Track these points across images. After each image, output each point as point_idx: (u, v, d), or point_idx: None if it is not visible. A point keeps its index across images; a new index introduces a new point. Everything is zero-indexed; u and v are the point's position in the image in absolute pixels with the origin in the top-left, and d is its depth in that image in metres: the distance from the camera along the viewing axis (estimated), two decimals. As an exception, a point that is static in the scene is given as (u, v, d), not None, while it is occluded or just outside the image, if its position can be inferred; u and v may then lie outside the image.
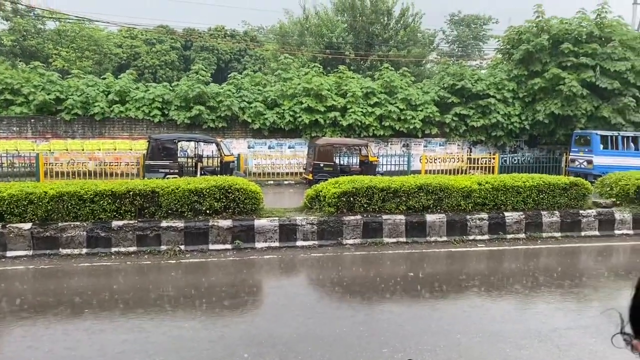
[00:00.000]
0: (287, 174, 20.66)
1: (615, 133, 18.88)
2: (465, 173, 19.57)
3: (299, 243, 9.14)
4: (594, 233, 10.37)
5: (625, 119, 20.17)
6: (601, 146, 18.49)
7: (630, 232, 10.53)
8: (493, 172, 20.02)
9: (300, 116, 20.34)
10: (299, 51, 31.95)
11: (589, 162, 18.53)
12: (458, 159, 21.62)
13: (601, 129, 19.72)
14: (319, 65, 23.69)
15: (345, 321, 5.61)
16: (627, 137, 18.77)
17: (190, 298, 6.50)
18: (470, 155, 21.89)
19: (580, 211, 10.46)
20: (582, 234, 10.30)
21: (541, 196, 10.34)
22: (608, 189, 11.38)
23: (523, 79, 21.78)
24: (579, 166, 18.96)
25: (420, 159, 21.13)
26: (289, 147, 21.25)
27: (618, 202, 10.99)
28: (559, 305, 6.25)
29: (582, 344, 5.00)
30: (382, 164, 19.76)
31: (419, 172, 19.65)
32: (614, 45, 20.39)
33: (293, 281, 7.65)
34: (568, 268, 8.26)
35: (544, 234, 10.11)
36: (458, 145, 22.60)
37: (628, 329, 0.81)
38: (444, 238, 9.69)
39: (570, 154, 19.73)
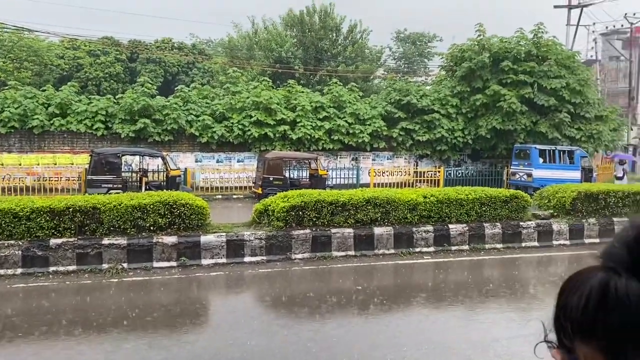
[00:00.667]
0: (236, 188, 20.41)
1: (553, 147, 19.77)
2: (412, 186, 19.95)
3: (247, 259, 9.02)
4: (534, 244, 10.77)
5: (561, 134, 21.16)
6: (540, 160, 19.29)
7: (567, 242, 10.99)
8: (438, 185, 20.50)
9: (249, 130, 20.22)
10: (248, 65, 31.87)
11: (529, 175, 19.28)
12: (405, 172, 22.04)
13: (539, 143, 20.60)
14: (268, 79, 23.69)
15: (293, 338, 5.56)
16: (564, 151, 19.68)
17: (133, 318, 6.27)
18: (416, 168, 22.36)
19: (521, 223, 10.85)
20: (523, 244, 10.66)
21: (483, 208, 10.66)
22: (546, 201, 11.86)
23: (466, 95, 22.51)
24: (519, 179, 19.70)
25: (369, 173, 21.41)
26: (238, 161, 21.04)
27: (555, 213, 11.47)
28: (502, 316, 6.43)
29: (523, 353, 5.15)
30: (332, 178, 19.86)
31: (367, 185, 19.88)
32: (550, 64, 21.42)
33: (240, 298, 7.53)
34: (509, 278, 8.53)
35: (487, 245, 10.40)
36: (405, 158, 23.05)
37: (552, 336, 0.84)
38: (392, 250, 9.81)
39: (511, 167, 20.48)
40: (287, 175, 18.02)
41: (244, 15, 66.43)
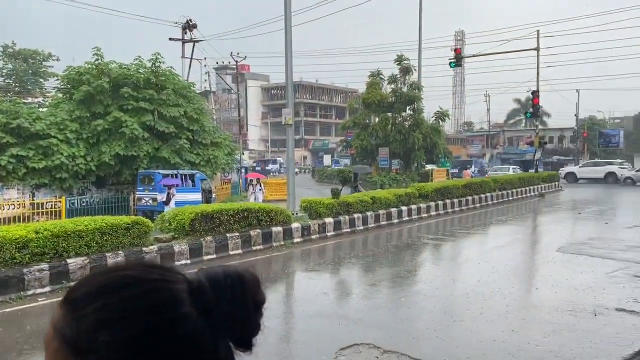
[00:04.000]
0: None
1: (175, 171, 20.82)
2: (30, 220, 17.79)
3: None
4: (158, 267, 11.00)
5: (182, 159, 22.49)
6: (163, 184, 20.01)
7: (189, 261, 11.66)
8: (61, 217, 18.88)
9: None
10: None
11: (154, 199, 19.75)
12: (19, 204, 19.48)
13: (162, 168, 21.38)
14: None
15: None
16: (185, 175, 20.97)
17: None
18: (33, 200, 20.07)
19: (143, 248, 10.96)
20: (147, 269, 10.77)
21: (105, 238, 10.33)
22: (167, 224, 12.34)
23: (86, 120, 21.54)
24: (145, 204, 19.96)
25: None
26: None
27: (177, 235, 12.05)
28: None
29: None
30: None
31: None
32: (169, 93, 22.55)
33: None
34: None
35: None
36: (18, 189, 20.40)
37: None
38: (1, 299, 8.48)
39: (137, 193, 20.58)
40: None
41: None
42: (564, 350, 6.38)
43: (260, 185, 25.29)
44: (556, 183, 35.44)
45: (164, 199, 18.47)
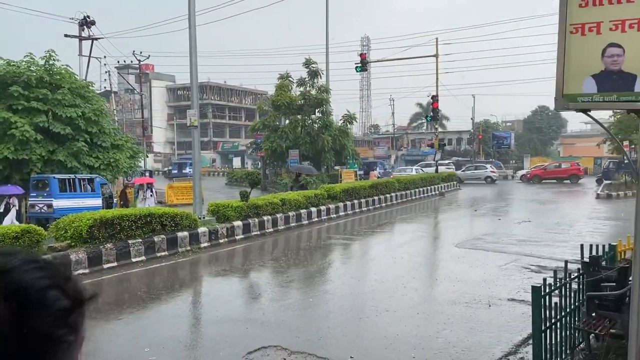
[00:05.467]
0: None
1: (73, 176, 19.56)
2: None
3: None
4: (52, 278, 10.28)
5: (80, 162, 21.18)
6: (59, 189, 18.74)
7: (87, 270, 11.00)
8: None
9: None
10: None
11: (49, 206, 18.43)
12: None
13: (58, 172, 20.03)
14: None
15: None
16: (84, 179, 19.77)
17: None
18: None
19: (36, 258, 10.18)
20: (40, 281, 10.02)
21: (-10, 249, 9.48)
22: (63, 231, 11.56)
23: (-31, 121, 19.71)
24: (39, 211, 18.58)
25: None
26: None
27: (73, 243, 11.32)
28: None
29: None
30: None
31: None
32: (64, 92, 21.17)
33: None
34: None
35: None
36: None
37: None
38: None
39: (30, 199, 19.12)
40: None
41: None
42: (461, 340, 6.74)
43: (152, 191, 24.11)
44: (455, 182, 37.51)
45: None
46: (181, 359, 6.33)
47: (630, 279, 4.93)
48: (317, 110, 37.24)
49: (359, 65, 33.54)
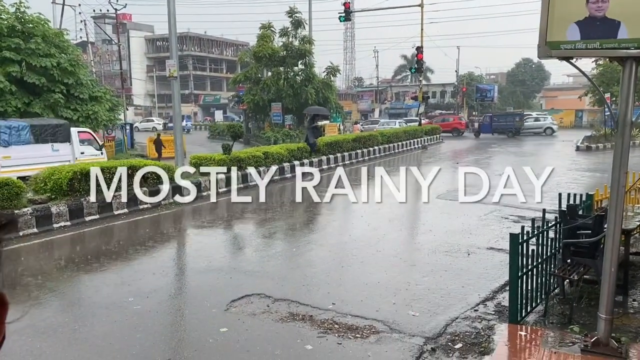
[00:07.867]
0: None
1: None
2: None
3: None
4: (33, 230, 10.24)
5: (57, 115, 20.72)
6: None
7: (68, 223, 10.96)
8: None
9: None
10: None
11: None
12: None
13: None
14: None
15: None
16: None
17: None
18: None
19: (16, 211, 10.09)
20: (21, 233, 9.97)
21: (-32, 202, 9.36)
22: (42, 184, 11.42)
23: (-61, 72, 19.01)
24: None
25: None
26: None
27: (53, 196, 11.21)
28: None
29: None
30: None
31: None
32: (37, 41, 20.46)
33: None
34: (10, 274, 7.83)
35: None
36: None
37: None
38: None
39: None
40: None
41: None
42: (440, 287, 6.92)
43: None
44: (437, 136, 37.61)
45: None
46: (166, 308, 6.40)
47: (606, 226, 5.06)
48: (300, 62, 36.61)
49: (343, 15, 32.76)
